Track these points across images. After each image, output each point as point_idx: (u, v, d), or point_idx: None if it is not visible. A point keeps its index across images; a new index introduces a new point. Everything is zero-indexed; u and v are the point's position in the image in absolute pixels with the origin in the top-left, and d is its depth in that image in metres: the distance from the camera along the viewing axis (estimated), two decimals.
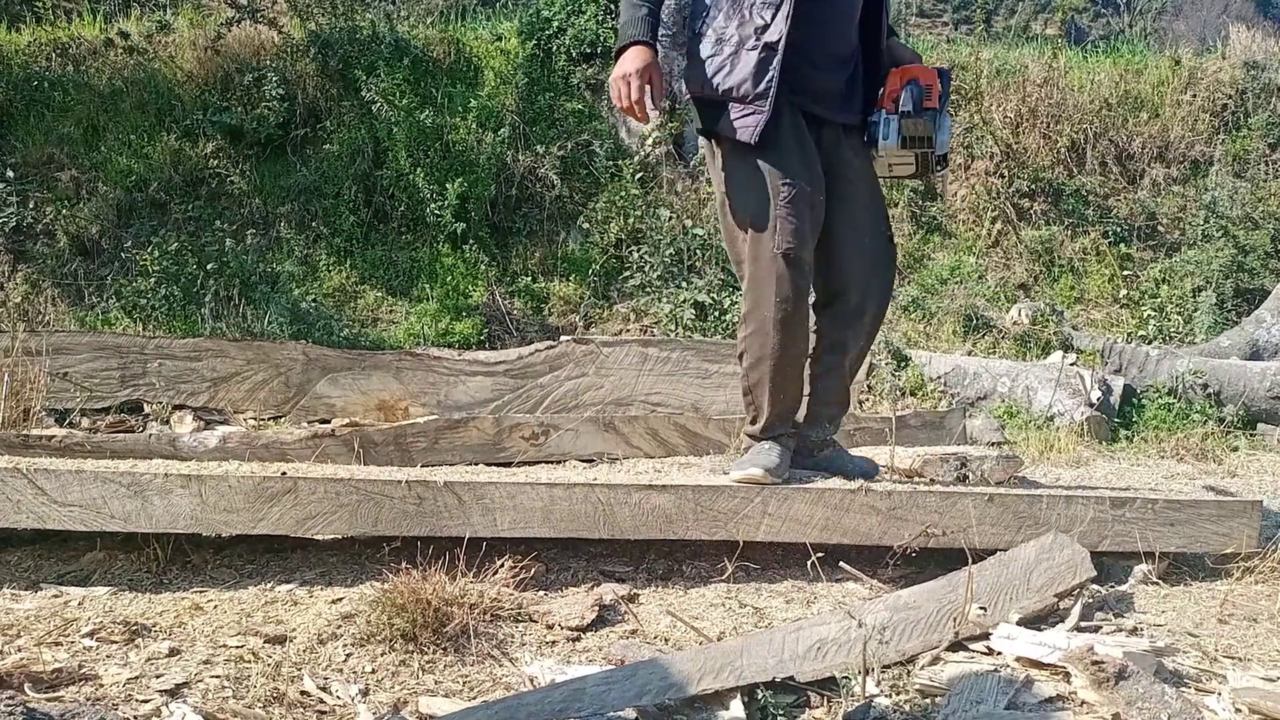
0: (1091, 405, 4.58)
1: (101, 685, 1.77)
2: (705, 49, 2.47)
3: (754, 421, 2.62)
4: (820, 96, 2.53)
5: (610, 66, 6.56)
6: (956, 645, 2.03)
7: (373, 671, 1.90)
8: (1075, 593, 2.23)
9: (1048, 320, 5.54)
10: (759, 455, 2.53)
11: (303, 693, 1.80)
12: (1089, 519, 2.44)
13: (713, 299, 5.42)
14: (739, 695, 1.77)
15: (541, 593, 2.28)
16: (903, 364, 5.03)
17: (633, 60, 2.38)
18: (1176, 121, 6.69)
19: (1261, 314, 5.49)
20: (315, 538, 2.48)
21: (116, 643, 1.94)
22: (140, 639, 1.97)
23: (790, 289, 2.44)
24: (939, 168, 2.66)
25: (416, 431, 3.48)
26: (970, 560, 2.17)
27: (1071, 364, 4.97)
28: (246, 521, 2.25)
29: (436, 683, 1.88)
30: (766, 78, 2.40)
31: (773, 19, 2.41)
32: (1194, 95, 6.79)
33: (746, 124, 2.42)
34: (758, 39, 2.42)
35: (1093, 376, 4.73)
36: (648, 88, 2.38)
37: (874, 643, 1.86)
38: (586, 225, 5.85)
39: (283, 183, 5.83)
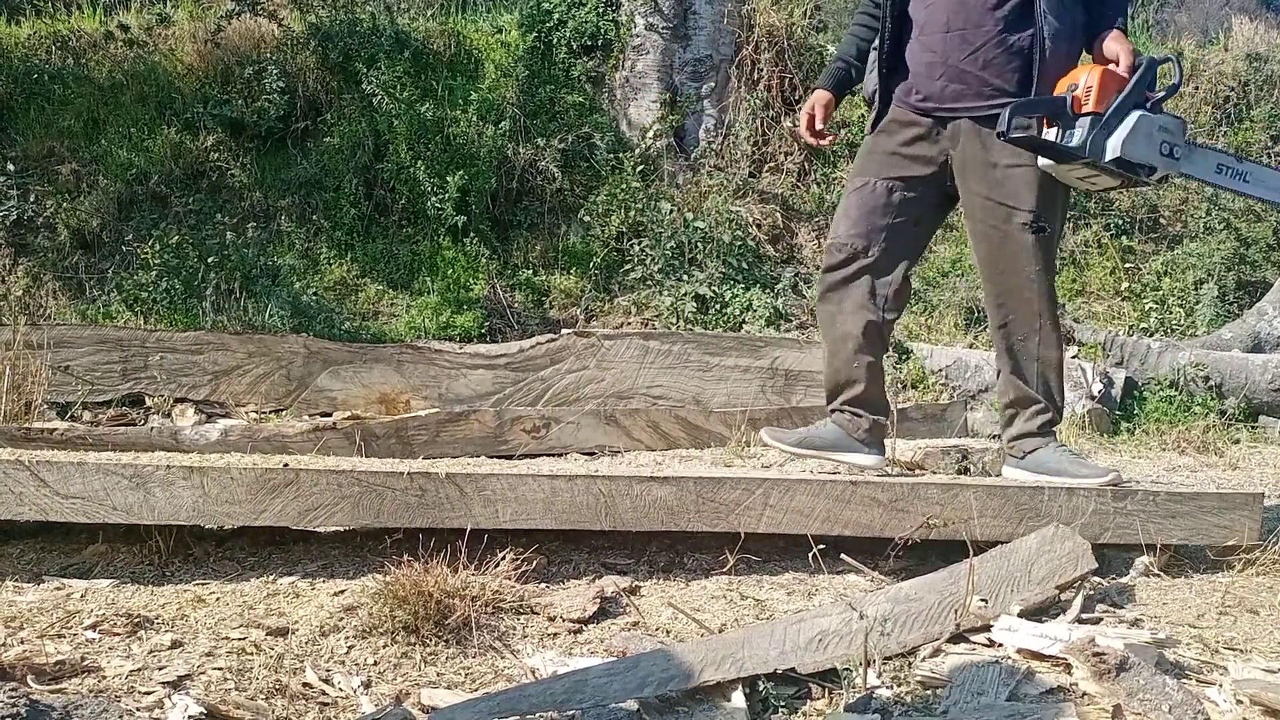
0: (1093, 398, 4.58)
1: (104, 677, 1.77)
2: None
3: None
4: (924, 94, 2.62)
5: (612, 60, 6.53)
6: (958, 637, 2.03)
7: (375, 663, 1.90)
8: (1076, 585, 2.23)
9: None
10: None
11: (305, 684, 1.80)
12: (1090, 511, 2.44)
13: (714, 292, 5.42)
14: (740, 686, 1.77)
15: (543, 585, 2.29)
16: (904, 357, 5.02)
17: (810, 99, 2.84)
18: (1179, 113, 6.65)
19: (1263, 306, 5.48)
20: (317, 530, 2.48)
21: (119, 635, 1.94)
22: (142, 631, 1.97)
23: (826, 269, 2.71)
24: (1138, 176, 2.42)
25: (418, 424, 3.48)
26: (972, 552, 2.17)
27: (1073, 357, 4.97)
28: (248, 514, 2.25)
29: (438, 674, 1.88)
30: (872, 81, 2.71)
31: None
32: (1196, 87, 6.77)
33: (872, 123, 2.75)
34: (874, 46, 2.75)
35: (1094, 369, 4.73)
36: (805, 119, 2.83)
37: (875, 634, 1.86)
38: (587, 218, 5.84)
39: (283, 176, 5.82)
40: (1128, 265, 6.10)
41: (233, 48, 6.12)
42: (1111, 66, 2.46)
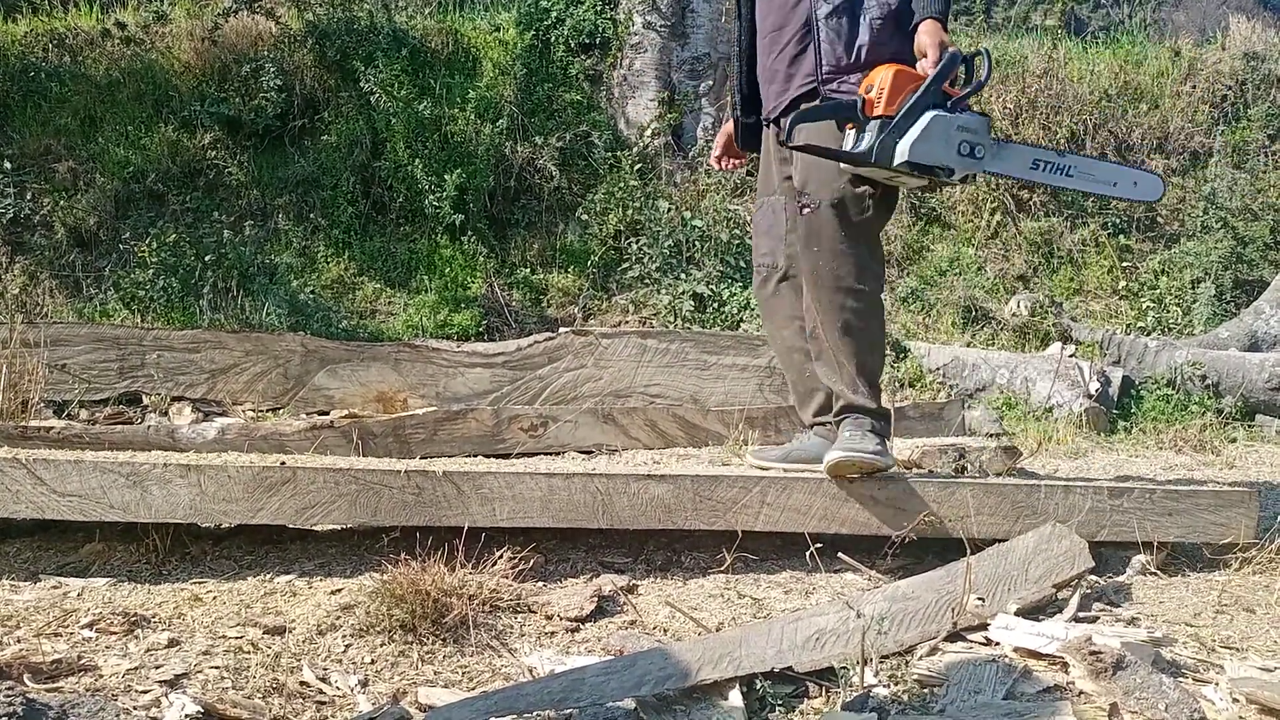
0: (1090, 397, 4.59)
1: (101, 676, 1.77)
2: None
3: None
4: (766, 102, 2.68)
5: (610, 58, 6.51)
6: (955, 636, 2.03)
7: (372, 662, 1.90)
8: (1073, 583, 2.23)
9: (1046, 312, 5.54)
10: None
11: (302, 683, 1.80)
12: (1087, 509, 2.44)
13: (712, 290, 5.41)
14: (738, 685, 1.77)
15: (540, 584, 2.29)
16: (901, 355, 5.02)
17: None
18: (1176, 113, 6.67)
19: (1260, 305, 5.48)
20: (314, 528, 2.48)
21: (116, 633, 1.94)
22: (139, 630, 1.97)
23: (755, 290, 2.84)
24: (939, 177, 2.38)
25: (415, 423, 3.48)
26: (969, 550, 2.17)
27: (1070, 355, 4.97)
28: (245, 512, 2.25)
29: (436, 673, 1.88)
30: (734, 95, 2.81)
31: None
32: (1193, 86, 6.77)
33: None
34: None
35: (1091, 368, 4.73)
36: (715, 150, 2.95)
37: (872, 633, 1.87)
38: (585, 216, 5.84)
39: (281, 174, 5.81)
40: (1125, 264, 6.10)
41: (230, 45, 6.11)
42: (924, 59, 2.37)
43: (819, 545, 2.32)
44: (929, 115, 2.31)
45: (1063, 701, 1.74)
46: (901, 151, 2.31)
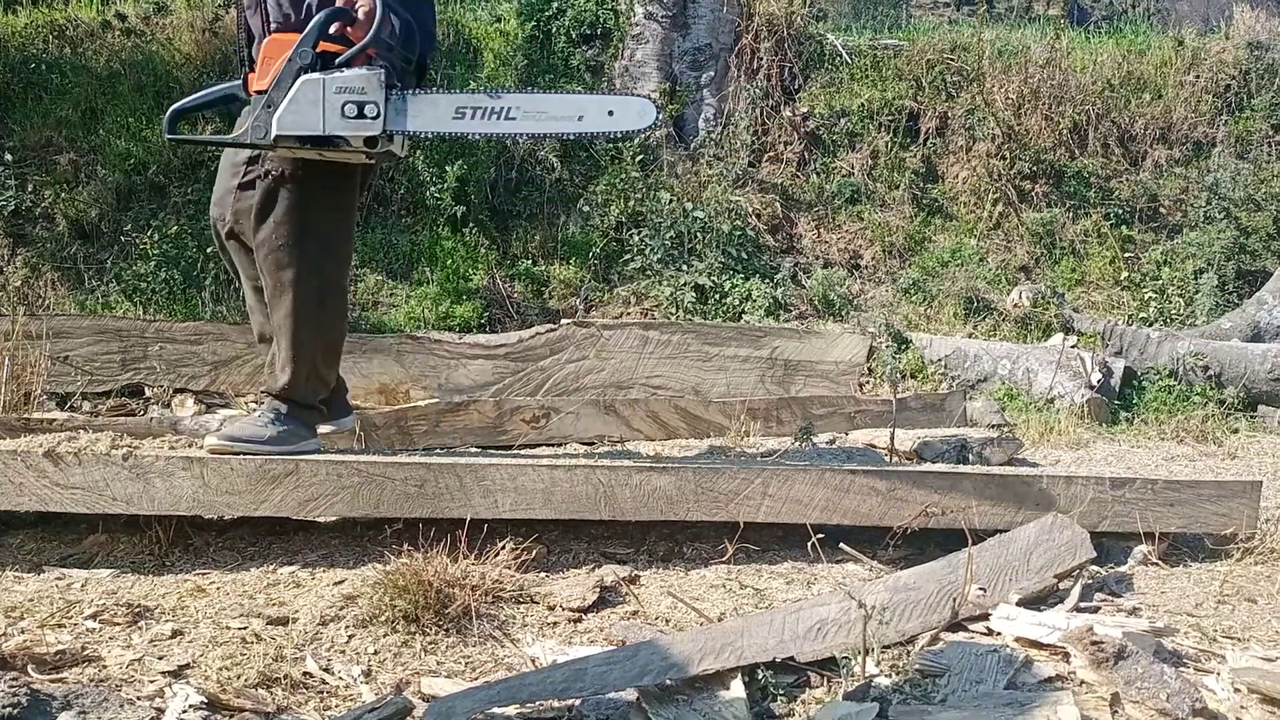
0: (1092, 387, 4.58)
1: (104, 666, 1.78)
2: None
3: None
4: None
5: (611, 49, 6.46)
6: (956, 626, 2.04)
7: (375, 652, 1.91)
8: (1075, 574, 2.24)
9: (1048, 303, 5.53)
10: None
11: (305, 674, 1.80)
12: (1089, 499, 2.45)
13: (713, 282, 5.41)
14: (740, 675, 1.78)
15: (543, 574, 2.29)
16: (903, 346, 5.02)
17: None
18: (1179, 103, 6.65)
19: (1263, 296, 5.48)
20: (317, 520, 2.49)
21: (119, 624, 1.95)
22: (143, 621, 1.97)
23: None
24: (339, 148, 2.17)
25: (417, 415, 3.48)
26: (970, 541, 2.17)
27: (1072, 346, 4.97)
28: (248, 504, 2.26)
29: (439, 663, 1.89)
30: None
31: None
32: (1197, 76, 6.75)
33: None
34: None
35: (1093, 359, 4.73)
36: None
37: (874, 623, 1.87)
38: (586, 208, 5.83)
39: None
40: (1127, 254, 6.09)
41: (231, 37, 6.09)
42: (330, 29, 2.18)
43: (821, 536, 2.32)
44: (299, 82, 2.13)
45: (1064, 691, 1.74)
46: (276, 126, 2.13)
